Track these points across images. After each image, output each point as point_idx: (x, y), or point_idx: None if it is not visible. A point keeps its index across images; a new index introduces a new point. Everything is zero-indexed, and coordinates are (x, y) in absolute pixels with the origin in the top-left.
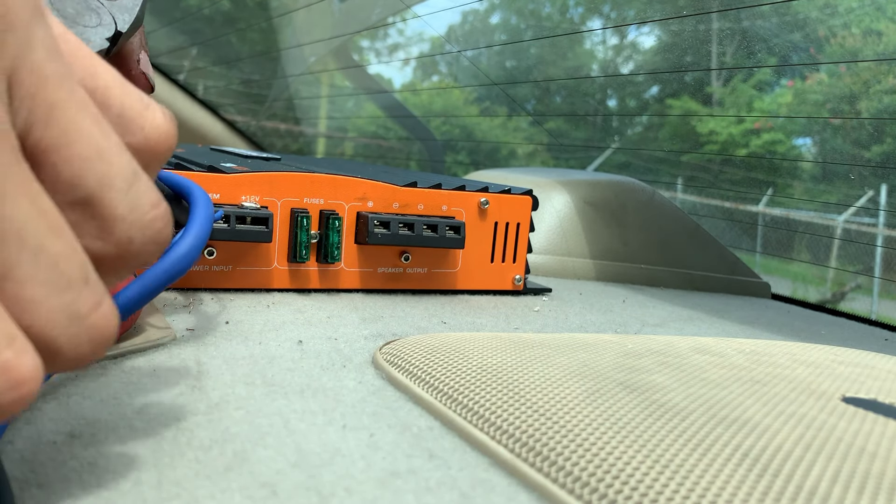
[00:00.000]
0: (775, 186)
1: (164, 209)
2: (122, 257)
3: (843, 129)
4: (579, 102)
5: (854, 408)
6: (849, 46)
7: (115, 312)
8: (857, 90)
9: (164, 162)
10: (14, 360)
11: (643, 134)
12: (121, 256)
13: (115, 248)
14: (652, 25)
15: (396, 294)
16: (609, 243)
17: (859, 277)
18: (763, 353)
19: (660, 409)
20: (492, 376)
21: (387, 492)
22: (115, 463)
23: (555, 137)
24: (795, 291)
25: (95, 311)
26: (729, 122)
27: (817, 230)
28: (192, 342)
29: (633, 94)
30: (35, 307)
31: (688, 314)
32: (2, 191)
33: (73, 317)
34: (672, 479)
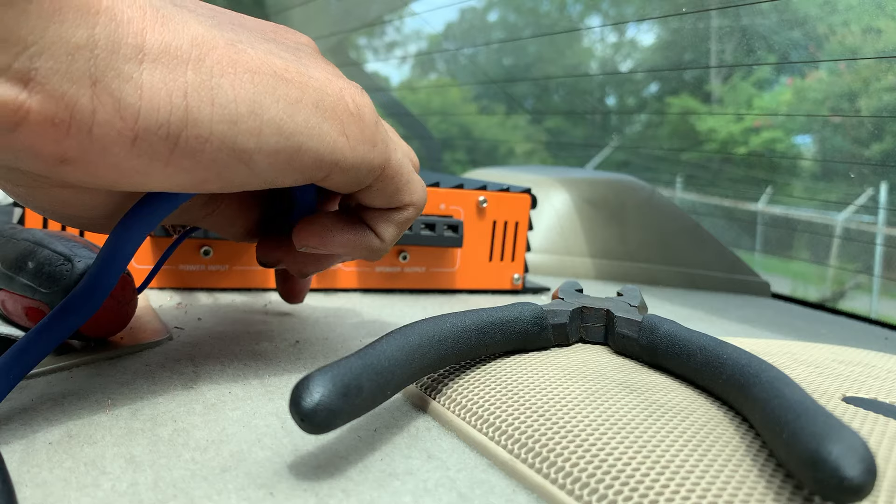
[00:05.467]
0: (775, 185)
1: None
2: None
3: (843, 128)
4: (578, 100)
5: (854, 407)
6: (849, 44)
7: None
8: (856, 88)
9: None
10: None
11: (642, 132)
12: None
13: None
14: (651, 23)
15: (394, 294)
16: (608, 242)
17: (859, 276)
18: (763, 353)
19: (660, 410)
20: (490, 376)
21: (385, 493)
22: (111, 464)
23: (553, 135)
24: (795, 290)
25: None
26: (728, 120)
27: (817, 229)
28: (187, 343)
29: (633, 92)
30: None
31: (687, 313)
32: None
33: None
34: (672, 480)
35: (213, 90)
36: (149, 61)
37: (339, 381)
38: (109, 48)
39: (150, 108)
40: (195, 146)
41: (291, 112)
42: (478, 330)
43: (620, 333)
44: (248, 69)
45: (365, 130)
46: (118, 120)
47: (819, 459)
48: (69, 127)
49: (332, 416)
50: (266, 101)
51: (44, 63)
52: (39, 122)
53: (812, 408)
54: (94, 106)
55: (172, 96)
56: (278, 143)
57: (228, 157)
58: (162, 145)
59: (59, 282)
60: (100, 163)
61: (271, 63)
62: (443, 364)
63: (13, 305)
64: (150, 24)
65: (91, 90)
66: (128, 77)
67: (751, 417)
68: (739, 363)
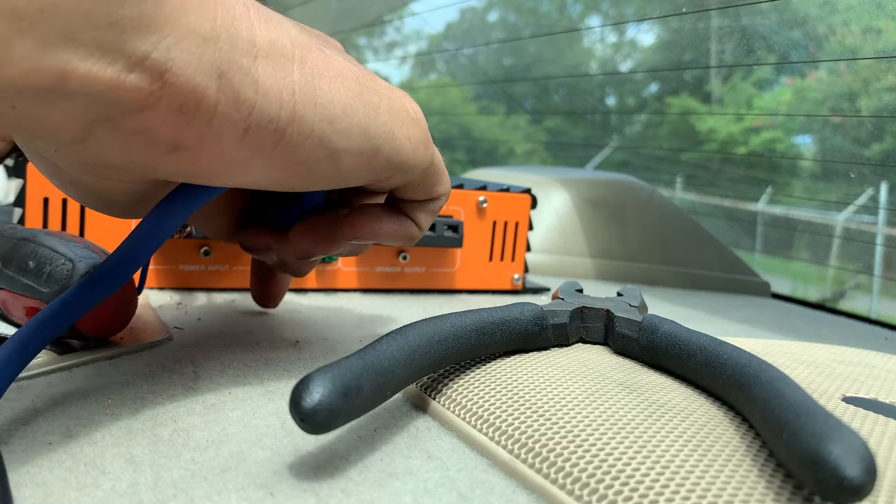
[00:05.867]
0: (775, 185)
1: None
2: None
3: (843, 128)
4: (578, 100)
5: (854, 407)
6: (849, 44)
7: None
8: (856, 88)
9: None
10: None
11: (642, 132)
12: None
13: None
14: (651, 23)
15: (394, 294)
16: (608, 242)
17: (859, 276)
18: (763, 353)
19: (660, 410)
20: (490, 376)
21: (385, 493)
22: (111, 464)
23: (553, 135)
24: (795, 290)
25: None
26: (728, 120)
27: (817, 229)
28: (187, 343)
29: (633, 92)
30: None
31: (687, 313)
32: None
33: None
34: (672, 480)
35: (315, 90)
36: (262, 57)
37: (339, 381)
38: (230, 41)
39: (264, 102)
40: (297, 142)
41: (373, 116)
42: (478, 330)
43: (620, 333)
44: (338, 73)
45: (422, 133)
46: (235, 112)
47: (819, 459)
48: (193, 116)
49: (332, 416)
50: (355, 104)
51: (179, 54)
52: (167, 109)
53: (812, 408)
54: (218, 97)
55: (283, 93)
56: (362, 145)
57: (322, 154)
58: (269, 139)
59: (59, 281)
60: (208, 153)
61: (354, 70)
62: (443, 364)
63: (14, 305)
64: (257, 20)
65: (217, 82)
66: (246, 71)
67: (751, 417)
68: (739, 363)
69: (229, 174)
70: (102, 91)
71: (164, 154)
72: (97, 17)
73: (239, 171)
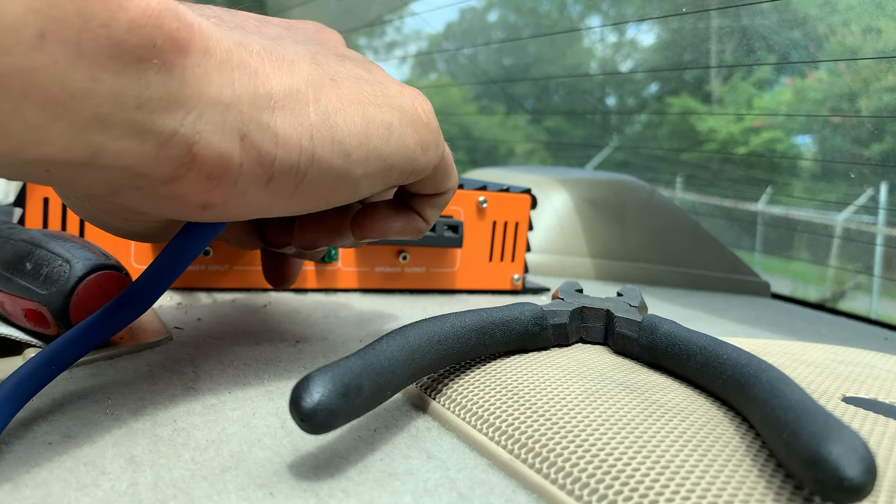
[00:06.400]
0: (775, 185)
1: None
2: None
3: (843, 128)
4: (578, 100)
5: (854, 407)
6: (849, 44)
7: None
8: (856, 88)
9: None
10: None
11: (642, 132)
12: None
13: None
14: (651, 23)
15: (394, 294)
16: (608, 242)
17: (859, 276)
18: (763, 353)
19: (660, 410)
20: (490, 376)
21: (385, 493)
22: (111, 464)
23: (553, 135)
24: (795, 290)
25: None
26: (728, 120)
27: (817, 229)
28: (187, 343)
29: (633, 92)
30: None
31: (687, 313)
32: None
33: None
34: (672, 480)
35: (331, 128)
36: (279, 108)
37: (339, 381)
38: (249, 101)
39: (284, 153)
40: (317, 180)
41: (387, 136)
42: (478, 330)
43: (620, 333)
44: (351, 101)
45: (433, 136)
46: (258, 168)
47: (819, 459)
48: (221, 180)
49: (332, 416)
50: (370, 130)
51: (204, 126)
52: (196, 178)
53: (812, 408)
54: (242, 158)
55: (302, 139)
56: (378, 167)
57: (341, 185)
58: (291, 183)
59: (56, 283)
60: (234, 204)
61: (364, 92)
62: (443, 364)
63: (12, 307)
64: (272, 70)
65: (240, 145)
66: (266, 126)
67: (751, 417)
68: (739, 363)
69: (256, 213)
70: (134, 166)
71: (193, 212)
72: (126, 100)
73: (263, 211)
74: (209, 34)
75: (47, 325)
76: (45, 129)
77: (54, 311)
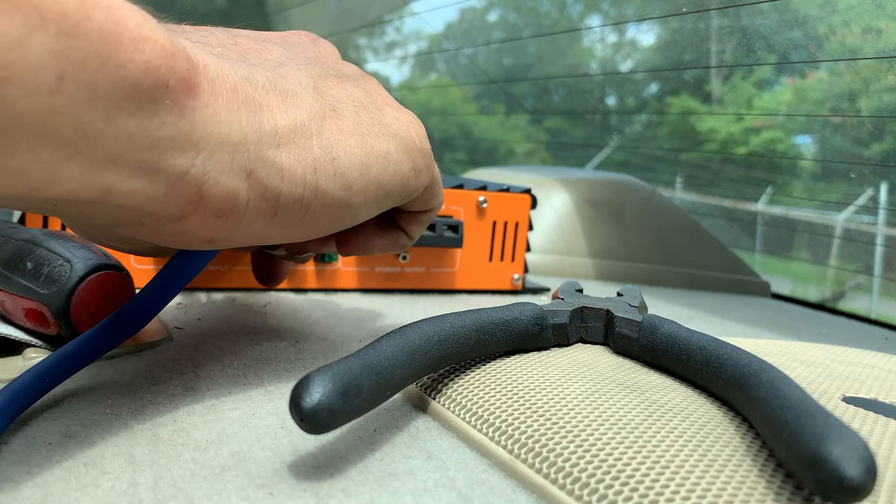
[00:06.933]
0: (775, 185)
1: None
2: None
3: (843, 128)
4: (578, 100)
5: (854, 407)
6: (849, 44)
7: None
8: (856, 88)
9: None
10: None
11: (642, 132)
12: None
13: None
14: (651, 23)
15: (394, 294)
16: (608, 242)
17: (859, 276)
18: (763, 353)
19: (660, 410)
20: (490, 376)
21: (385, 493)
22: (111, 464)
23: (553, 135)
24: (795, 290)
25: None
26: (728, 120)
27: (817, 229)
28: (187, 343)
29: (633, 92)
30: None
31: (687, 313)
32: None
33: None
34: (672, 480)
35: (334, 161)
36: (284, 143)
37: (339, 381)
38: (256, 139)
39: (289, 188)
40: (321, 212)
41: (384, 165)
42: (478, 330)
43: (620, 333)
44: (350, 133)
45: (425, 160)
46: (264, 203)
47: (819, 459)
48: (228, 217)
49: (332, 416)
50: (369, 160)
51: (213, 165)
52: (204, 216)
53: (812, 408)
54: (249, 196)
55: (306, 174)
56: (376, 194)
57: (341, 214)
58: (295, 216)
59: (57, 282)
60: (239, 238)
61: (363, 122)
62: (443, 364)
63: (12, 306)
64: (276, 104)
65: (247, 182)
66: (272, 163)
67: (751, 417)
68: (739, 363)
69: (256, 242)
70: (143, 206)
71: (197, 245)
72: (139, 140)
73: (266, 240)
74: (216, 73)
75: (47, 324)
76: (59, 169)
77: (55, 311)
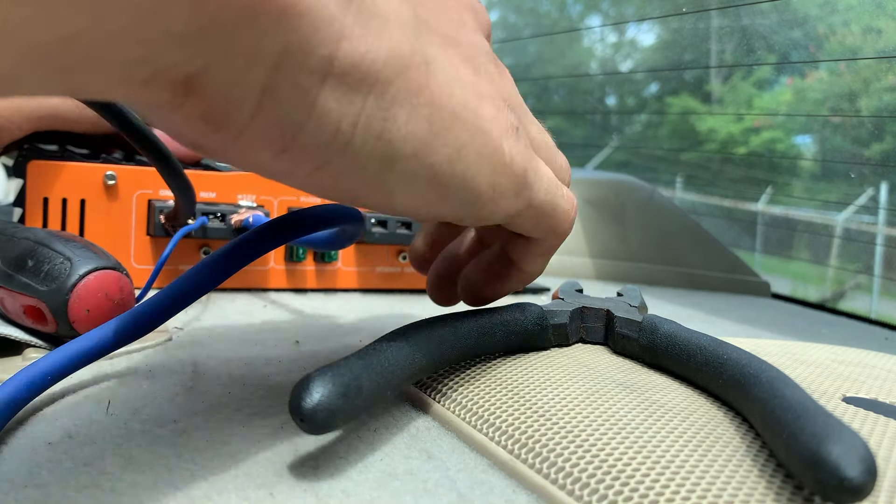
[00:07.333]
0: (775, 185)
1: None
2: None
3: (843, 128)
4: (578, 100)
5: (854, 407)
6: (849, 44)
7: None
8: (856, 88)
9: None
10: (570, 195)
11: (642, 132)
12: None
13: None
14: (651, 23)
15: (394, 294)
16: (608, 242)
17: (859, 276)
18: (763, 353)
19: (660, 410)
20: (490, 376)
21: (385, 493)
22: (111, 464)
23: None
24: (795, 290)
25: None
26: (728, 120)
27: (817, 229)
28: (187, 343)
29: (633, 92)
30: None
31: (687, 313)
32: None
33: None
34: (672, 480)
35: (385, 122)
36: (333, 77)
37: (339, 381)
38: (298, 61)
39: (314, 129)
40: (342, 171)
41: (453, 159)
42: (478, 330)
43: (620, 333)
44: (429, 101)
45: (512, 182)
46: (274, 131)
47: (819, 460)
48: (220, 127)
49: (332, 417)
50: (434, 143)
51: (213, 71)
52: (189, 116)
53: (812, 408)
54: (255, 115)
55: (343, 123)
56: (423, 190)
57: (369, 189)
58: (310, 163)
59: (56, 280)
60: (236, 157)
61: (453, 95)
62: (443, 364)
63: (12, 303)
64: (350, 26)
65: (258, 100)
66: (305, 92)
67: (751, 417)
68: (739, 363)
69: (263, 173)
70: (127, 96)
71: (189, 145)
72: (127, 36)
73: (276, 176)
74: None
75: (46, 322)
76: (23, 79)
77: (53, 309)
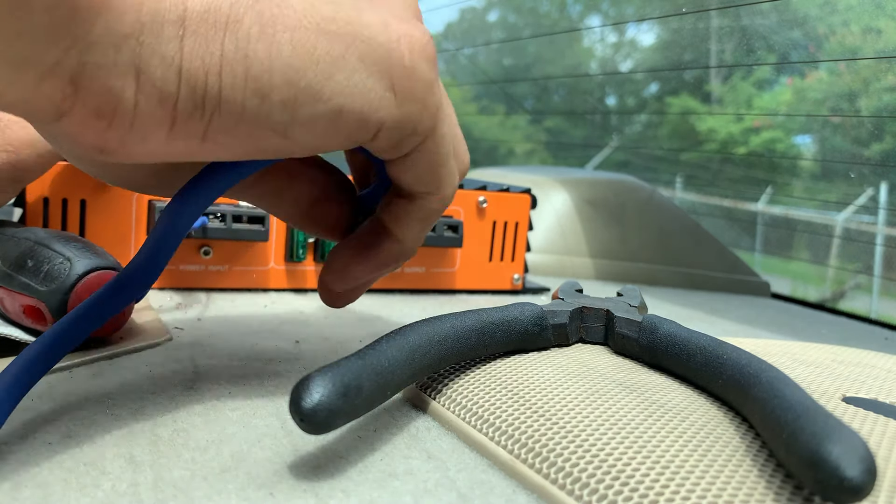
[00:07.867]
0: (775, 185)
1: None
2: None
3: (843, 128)
4: (578, 100)
5: (854, 407)
6: (849, 44)
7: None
8: (856, 88)
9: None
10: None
11: (642, 132)
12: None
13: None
14: (651, 23)
15: (394, 294)
16: (608, 242)
17: (859, 276)
18: (763, 353)
19: (660, 410)
20: (490, 376)
21: (385, 493)
22: (111, 464)
23: (553, 135)
24: (795, 290)
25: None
26: (728, 120)
27: (817, 229)
28: (187, 343)
29: (633, 92)
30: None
31: (687, 313)
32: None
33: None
34: (672, 480)
35: (247, 59)
36: (189, 34)
37: (339, 381)
38: (154, 31)
39: (186, 91)
40: (229, 123)
41: (330, 72)
42: (478, 330)
43: (620, 333)
44: (288, 26)
45: (416, 87)
46: (158, 108)
47: (819, 459)
48: (112, 120)
49: (332, 417)
50: (303, 64)
51: (92, 58)
52: (83, 116)
53: (812, 408)
54: (137, 99)
55: (208, 75)
56: (315, 111)
57: (263, 130)
58: (197, 126)
59: (56, 280)
60: (138, 150)
61: (315, 14)
62: (443, 364)
63: (11, 303)
64: None
65: (135, 82)
66: (169, 61)
67: (751, 417)
68: (739, 363)
69: (173, 158)
70: (15, 103)
71: (95, 154)
72: (3, 29)
73: (182, 155)
74: None
75: (46, 322)
76: None
77: (52, 308)
